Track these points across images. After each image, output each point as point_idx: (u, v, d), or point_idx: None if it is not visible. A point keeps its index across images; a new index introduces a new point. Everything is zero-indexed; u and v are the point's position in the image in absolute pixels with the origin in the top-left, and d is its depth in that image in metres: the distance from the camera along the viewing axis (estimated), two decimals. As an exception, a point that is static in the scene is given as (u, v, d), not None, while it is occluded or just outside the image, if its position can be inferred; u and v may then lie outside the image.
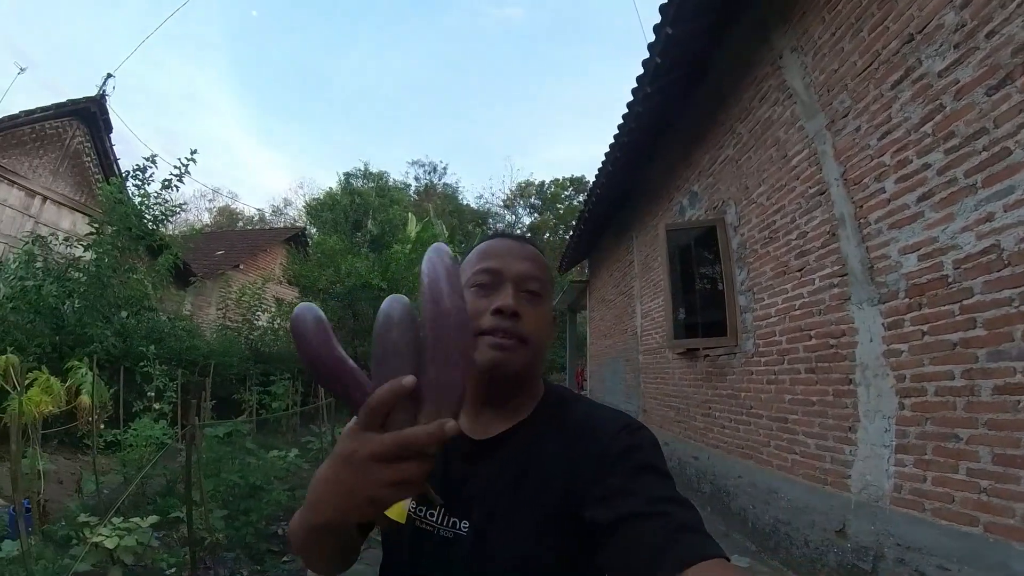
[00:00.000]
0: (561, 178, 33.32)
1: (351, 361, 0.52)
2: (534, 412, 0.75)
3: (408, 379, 0.47)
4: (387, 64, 61.19)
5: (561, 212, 31.41)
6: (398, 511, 0.74)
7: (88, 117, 9.20)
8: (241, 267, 12.81)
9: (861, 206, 2.82)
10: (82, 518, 2.36)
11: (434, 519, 0.71)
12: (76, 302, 5.86)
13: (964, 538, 2.12)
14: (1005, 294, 2.02)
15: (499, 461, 0.71)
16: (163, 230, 6.98)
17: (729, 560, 0.50)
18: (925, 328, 2.40)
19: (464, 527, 0.69)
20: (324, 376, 0.51)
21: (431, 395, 0.49)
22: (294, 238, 15.77)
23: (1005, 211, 2.04)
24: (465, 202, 34.88)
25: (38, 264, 5.96)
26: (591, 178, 6.92)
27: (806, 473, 3.15)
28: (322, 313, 0.54)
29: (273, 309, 9.77)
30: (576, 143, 59.22)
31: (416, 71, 61.12)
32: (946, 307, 2.29)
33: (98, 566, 1.85)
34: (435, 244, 0.59)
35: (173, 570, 2.55)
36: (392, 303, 0.54)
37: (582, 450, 0.67)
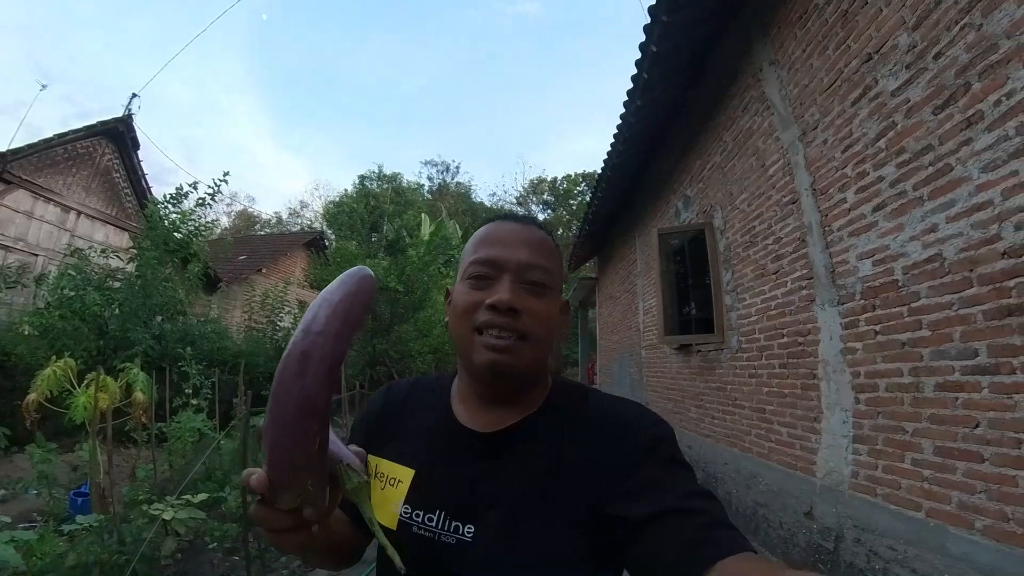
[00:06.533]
0: (574, 174, 33.38)
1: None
2: (544, 405, 0.72)
3: (255, 479, 0.46)
4: (400, 64, 61.78)
5: (574, 208, 31.47)
6: (388, 517, 0.69)
7: (116, 136, 9.90)
8: (263, 271, 13.40)
9: (827, 215, 3.02)
10: (140, 497, 2.78)
11: (433, 524, 0.65)
12: (116, 309, 6.36)
13: (909, 521, 2.31)
14: (946, 299, 2.19)
15: (515, 461, 0.67)
16: (195, 242, 7.49)
17: (756, 553, 0.51)
18: (878, 328, 2.60)
19: (469, 532, 0.64)
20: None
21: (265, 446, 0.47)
22: (313, 242, 16.43)
23: (947, 223, 2.20)
24: (478, 200, 35.16)
25: (76, 274, 6.47)
26: (601, 171, 7.07)
27: (780, 460, 3.40)
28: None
29: (296, 311, 10.25)
30: (589, 137, 59.20)
31: (429, 70, 61.75)
32: (896, 309, 2.47)
33: (155, 537, 2.22)
34: (351, 270, 0.52)
35: (215, 544, 2.95)
36: (301, 343, 0.47)
37: (606, 444, 0.65)
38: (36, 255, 8.78)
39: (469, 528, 0.64)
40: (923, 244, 2.34)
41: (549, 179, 34.78)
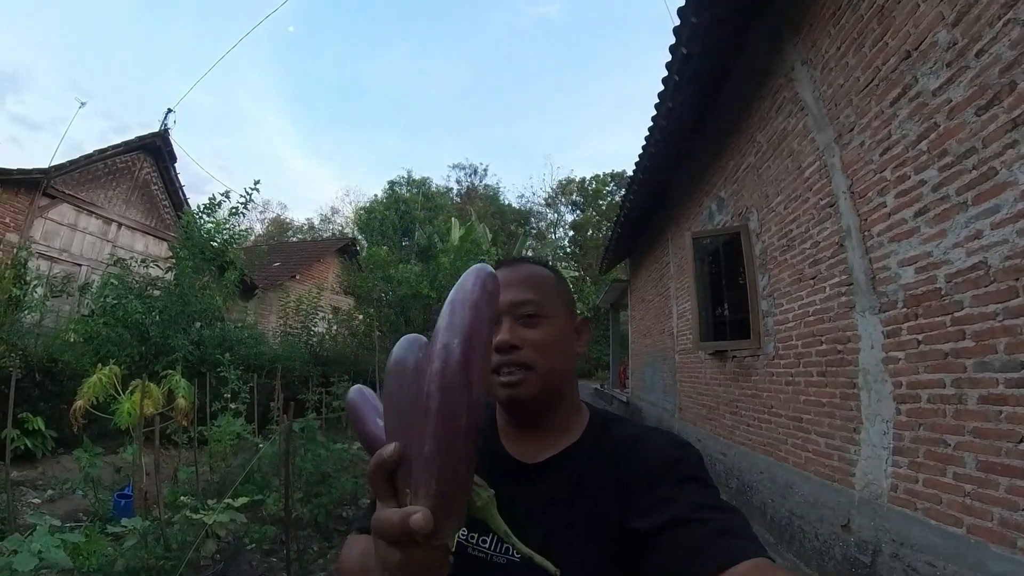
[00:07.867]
0: (602, 174, 33.24)
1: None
2: (582, 436, 0.76)
3: (389, 450, 0.42)
4: (425, 70, 62.64)
5: (604, 208, 31.26)
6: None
7: (154, 150, 10.36)
8: (297, 277, 13.75)
9: (865, 219, 2.93)
10: (181, 500, 2.90)
11: (487, 545, 0.70)
12: (157, 316, 6.62)
13: (949, 537, 2.24)
14: (991, 308, 2.11)
15: (552, 483, 0.72)
16: (231, 250, 7.75)
17: (774, 561, 0.50)
18: (920, 337, 2.51)
19: (517, 553, 0.65)
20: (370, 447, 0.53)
21: (419, 472, 0.41)
22: (345, 248, 16.75)
23: (992, 229, 2.11)
24: (507, 202, 35.28)
25: (118, 283, 6.74)
26: (631, 172, 6.97)
27: (817, 470, 3.31)
28: (365, 393, 0.61)
29: (330, 316, 10.49)
30: (617, 137, 58.89)
31: (453, 75, 62.38)
32: (939, 318, 2.39)
33: (195, 539, 2.32)
34: (475, 266, 0.52)
35: (253, 545, 3.05)
36: (407, 348, 0.52)
37: (631, 467, 0.69)
38: (80, 265, 9.24)
39: None
40: (967, 251, 2.26)
41: (577, 180, 34.67)
